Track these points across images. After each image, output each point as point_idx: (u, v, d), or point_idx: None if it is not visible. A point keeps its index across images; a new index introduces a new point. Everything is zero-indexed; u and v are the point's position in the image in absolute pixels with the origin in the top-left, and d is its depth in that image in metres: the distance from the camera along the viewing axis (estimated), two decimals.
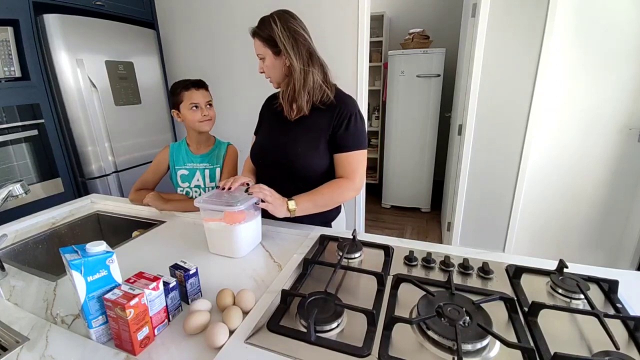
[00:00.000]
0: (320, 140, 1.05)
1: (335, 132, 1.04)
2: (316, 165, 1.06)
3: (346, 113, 1.03)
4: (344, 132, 1.03)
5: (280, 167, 1.10)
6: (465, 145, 2.21)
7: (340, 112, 1.03)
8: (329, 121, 1.04)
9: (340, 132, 1.03)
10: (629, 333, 0.61)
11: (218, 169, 1.40)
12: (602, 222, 2.15)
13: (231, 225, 0.92)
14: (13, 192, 0.96)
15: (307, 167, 1.06)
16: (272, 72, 1.06)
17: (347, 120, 1.03)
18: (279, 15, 1.02)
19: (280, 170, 1.10)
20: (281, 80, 1.07)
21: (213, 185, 1.41)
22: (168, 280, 0.70)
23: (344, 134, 1.03)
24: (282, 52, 1.01)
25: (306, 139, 1.06)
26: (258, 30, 1.03)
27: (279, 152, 1.09)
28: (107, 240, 0.67)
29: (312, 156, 1.05)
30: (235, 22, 2.45)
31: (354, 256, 0.90)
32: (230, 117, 2.70)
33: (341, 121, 1.03)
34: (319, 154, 1.05)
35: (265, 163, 1.16)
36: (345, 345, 0.60)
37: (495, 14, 1.94)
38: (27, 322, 0.70)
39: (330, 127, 1.04)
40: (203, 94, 1.36)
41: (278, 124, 1.13)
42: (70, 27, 1.96)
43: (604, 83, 1.94)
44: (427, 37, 3.20)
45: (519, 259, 0.86)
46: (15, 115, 1.85)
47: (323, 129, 1.04)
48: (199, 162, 1.41)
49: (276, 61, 1.03)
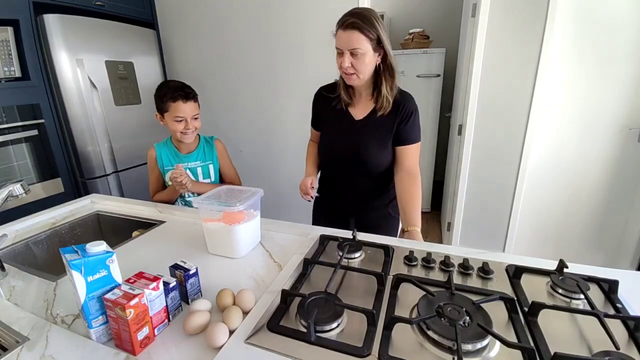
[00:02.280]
0: (388, 137, 1.13)
1: (399, 127, 1.11)
2: (385, 161, 1.15)
3: (410, 110, 1.10)
4: (407, 127, 1.11)
5: (352, 165, 1.17)
6: (465, 145, 2.21)
7: (404, 108, 1.10)
8: (394, 118, 1.10)
9: (403, 127, 1.11)
10: (629, 333, 0.61)
11: (211, 165, 1.40)
12: (602, 222, 2.15)
13: (230, 225, 0.92)
14: (13, 192, 0.96)
15: (379, 165, 1.15)
16: (366, 68, 1.03)
17: (410, 116, 1.11)
18: (374, 14, 1.00)
19: (351, 167, 1.17)
20: (369, 77, 1.07)
21: (209, 182, 1.41)
22: (168, 280, 0.70)
23: (407, 129, 1.11)
24: (382, 49, 1.01)
25: (376, 139, 1.13)
26: (362, 24, 0.97)
27: (351, 153, 1.15)
28: (107, 240, 0.67)
29: (382, 154, 1.14)
30: (235, 22, 2.45)
31: (354, 256, 0.90)
32: (229, 117, 2.70)
33: (406, 118, 1.10)
34: (387, 150, 1.14)
35: (336, 162, 1.22)
36: (345, 345, 0.60)
37: (495, 14, 1.94)
38: (27, 322, 0.70)
39: (395, 124, 1.11)
40: (191, 107, 1.30)
41: (344, 124, 1.16)
42: (70, 27, 1.96)
43: (604, 83, 1.94)
44: (427, 37, 3.20)
45: (519, 259, 0.86)
46: (15, 115, 1.85)
47: (389, 127, 1.11)
48: (188, 161, 1.39)
49: (373, 58, 1.03)
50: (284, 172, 2.64)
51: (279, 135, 2.58)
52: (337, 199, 1.29)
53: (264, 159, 2.70)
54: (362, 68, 1.02)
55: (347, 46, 0.99)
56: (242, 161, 2.77)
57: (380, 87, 1.07)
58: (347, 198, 1.25)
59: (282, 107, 2.52)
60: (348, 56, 1.00)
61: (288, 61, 2.38)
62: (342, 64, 1.01)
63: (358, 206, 1.24)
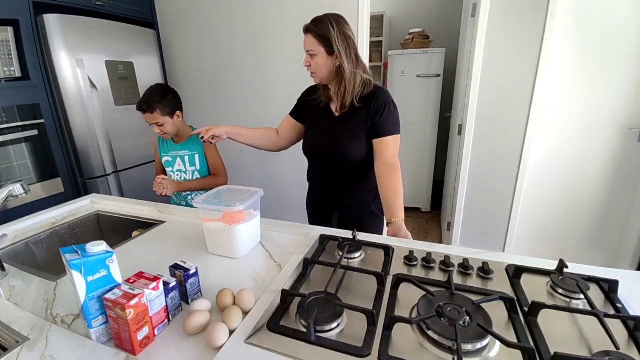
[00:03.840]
0: (361, 131, 1.17)
1: (373, 120, 1.15)
2: (360, 154, 1.19)
3: (381, 103, 1.15)
4: (382, 120, 1.15)
5: (328, 159, 1.24)
6: (465, 145, 2.21)
7: (376, 103, 1.14)
8: (367, 112, 1.15)
9: (377, 120, 1.15)
10: (629, 333, 0.61)
11: (197, 155, 1.58)
12: (602, 222, 2.15)
13: (230, 225, 0.92)
14: (13, 192, 0.96)
15: (354, 158, 1.20)
16: (321, 70, 1.13)
17: (383, 109, 1.15)
18: (335, 19, 1.10)
19: (328, 161, 1.25)
20: (326, 77, 1.16)
21: (193, 170, 1.59)
22: (168, 280, 0.70)
23: (382, 121, 1.15)
24: (335, 54, 1.09)
25: (349, 132, 1.18)
26: (314, 28, 1.09)
27: (328, 147, 1.21)
28: (107, 240, 0.67)
29: (357, 147, 1.18)
30: (235, 22, 2.45)
31: (354, 256, 0.90)
32: (229, 117, 2.71)
33: (378, 111, 1.15)
34: (362, 143, 1.18)
35: (315, 155, 1.30)
36: (345, 345, 0.60)
37: (495, 14, 1.94)
38: (27, 322, 0.70)
39: (369, 117, 1.15)
40: (149, 117, 1.44)
41: (323, 120, 1.24)
42: (70, 27, 1.95)
43: (604, 83, 1.94)
44: (427, 37, 3.20)
45: (519, 259, 0.86)
46: (15, 115, 1.85)
47: (363, 121, 1.16)
48: (179, 149, 1.58)
49: (327, 60, 1.11)
50: (283, 172, 2.64)
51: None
52: (322, 192, 1.35)
53: (263, 159, 2.70)
54: (318, 69, 1.13)
55: (305, 48, 1.12)
56: (242, 161, 2.77)
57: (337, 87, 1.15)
58: (330, 192, 1.30)
59: (282, 106, 2.51)
60: (307, 56, 1.13)
61: (288, 61, 2.38)
62: (305, 62, 1.14)
63: (341, 201, 1.29)
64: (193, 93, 2.78)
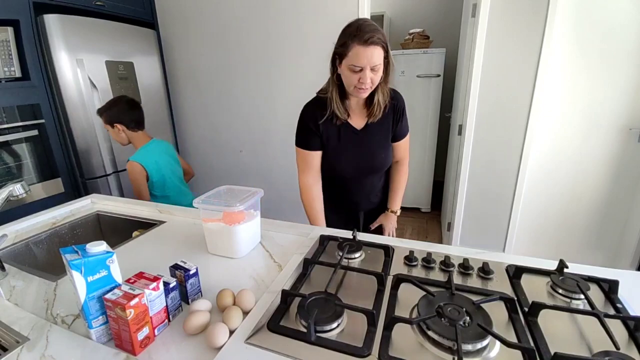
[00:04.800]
0: (388, 138, 1.19)
1: (396, 126, 1.17)
2: (391, 159, 1.24)
3: (401, 107, 1.16)
4: (401, 124, 1.18)
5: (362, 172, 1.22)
6: (465, 145, 2.21)
7: (398, 109, 1.16)
8: (391, 119, 1.16)
9: (399, 124, 1.18)
10: (629, 333, 0.61)
11: None
12: (602, 222, 2.15)
13: (230, 225, 0.92)
14: (13, 192, 0.96)
15: (387, 164, 1.24)
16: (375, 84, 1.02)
17: (402, 112, 1.17)
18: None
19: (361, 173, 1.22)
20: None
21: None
22: (168, 280, 0.70)
23: (401, 126, 1.19)
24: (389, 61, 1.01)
25: (379, 143, 1.18)
26: (383, 39, 0.95)
27: (360, 162, 1.18)
28: (107, 240, 0.67)
29: (388, 155, 1.21)
30: (235, 23, 2.45)
31: (354, 256, 0.90)
32: (229, 117, 2.70)
33: (400, 115, 1.17)
34: (390, 149, 1.22)
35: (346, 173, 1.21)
36: (345, 345, 0.60)
37: (495, 14, 1.94)
38: (27, 322, 0.70)
39: (393, 123, 1.17)
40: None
41: (346, 137, 1.14)
42: (70, 27, 1.96)
43: (604, 83, 1.94)
44: (427, 37, 3.20)
45: (519, 259, 0.86)
46: (15, 115, 1.85)
47: (389, 128, 1.17)
48: None
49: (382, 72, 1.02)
50: (283, 173, 2.64)
51: (279, 135, 2.58)
52: (348, 198, 1.30)
53: (263, 159, 2.70)
54: (377, 81, 1.01)
55: (370, 62, 0.95)
56: (242, 161, 2.77)
57: (374, 95, 1.07)
58: (359, 196, 1.30)
59: (282, 107, 2.52)
60: (369, 72, 0.96)
61: (288, 62, 2.38)
62: (363, 80, 0.97)
63: (368, 200, 1.32)
64: (194, 93, 2.78)
